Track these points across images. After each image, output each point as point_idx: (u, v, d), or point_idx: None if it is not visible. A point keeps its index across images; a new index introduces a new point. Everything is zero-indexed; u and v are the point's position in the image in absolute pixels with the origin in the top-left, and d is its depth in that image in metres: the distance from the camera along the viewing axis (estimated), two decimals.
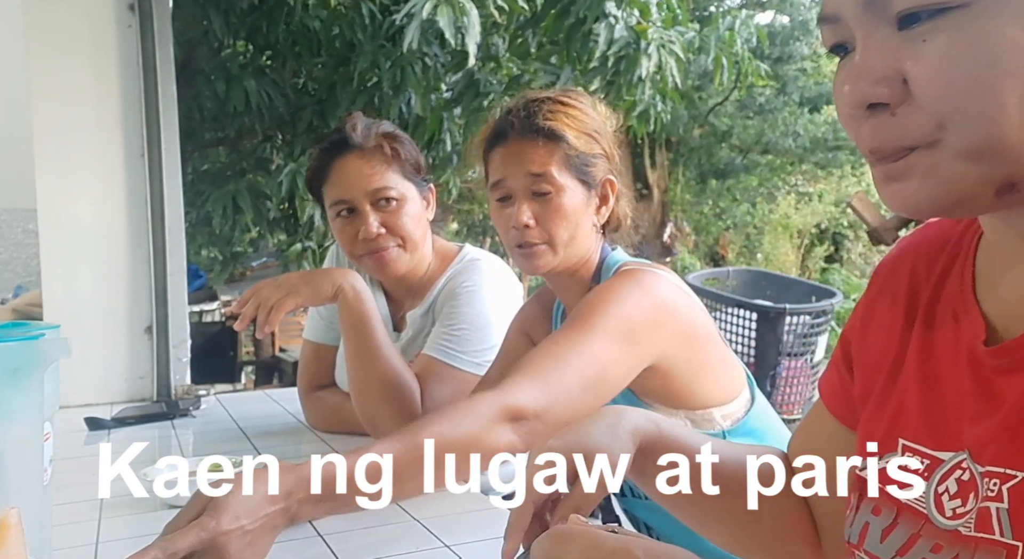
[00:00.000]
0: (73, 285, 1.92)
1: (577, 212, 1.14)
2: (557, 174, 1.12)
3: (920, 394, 0.59)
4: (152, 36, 1.94)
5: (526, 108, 1.14)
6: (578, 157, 1.13)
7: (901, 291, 0.64)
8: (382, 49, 3.80)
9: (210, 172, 4.67)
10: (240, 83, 3.83)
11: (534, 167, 1.12)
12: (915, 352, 0.60)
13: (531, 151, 1.12)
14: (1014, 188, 0.48)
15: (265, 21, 3.89)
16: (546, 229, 1.12)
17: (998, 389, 0.52)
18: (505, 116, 1.16)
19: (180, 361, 1.99)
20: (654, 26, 3.64)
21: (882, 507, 0.59)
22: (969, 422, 0.53)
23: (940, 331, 0.59)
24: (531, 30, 3.94)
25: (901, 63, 0.48)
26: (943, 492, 0.54)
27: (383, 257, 1.38)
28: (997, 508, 0.49)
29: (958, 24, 0.46)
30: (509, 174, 1.13)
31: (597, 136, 1.16)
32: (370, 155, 1.37)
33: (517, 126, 1.13)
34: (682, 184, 12.17)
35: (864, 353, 0.67)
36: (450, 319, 1.37)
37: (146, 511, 1.03)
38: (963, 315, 0.57)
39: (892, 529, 0.58)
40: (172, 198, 1.98)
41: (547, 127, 1.12)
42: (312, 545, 0.91)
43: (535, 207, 1.12)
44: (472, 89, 3.90)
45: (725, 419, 1.11)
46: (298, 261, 4.32)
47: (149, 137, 1.94)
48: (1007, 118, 0.45)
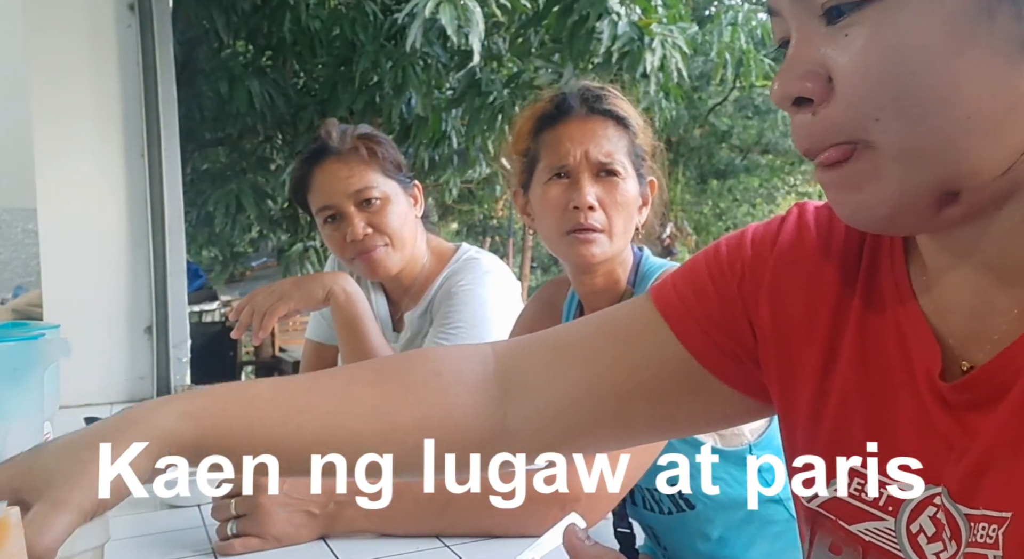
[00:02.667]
0: (73, 285, 1.91)
1: (634, 203, 1.09)
2: (623, 159, 1.07)
3: (865, 409, 0.52)
4: (152, 36, 1.94)
5: (590, 90, 1.09)
6: (639, 148, 1.10)
7: (837, 238, 0.56)
8: (383, 49, 3.81)
9: (211, 172, 4.67)
10: (242, 83, 3.83)
11: (605, 147, 1.06)
12: (854, 337, 0.53)
13: (601, 132, 1.07)
14: (956, 199, 0.44)
15: (267, 21, 3.89)
16: (607, 214, 1.06)
17: (969, 425, 0.47)
18: (564, 96, 1.10)
19: (180, 361, 1.99)
20: (658, 22, 3.64)
21: (842, 545, 0.53)
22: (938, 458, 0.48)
23: (877, 319, 0.52)
24: (533, 28, 3.94)
25: (826, 58, 0.45)
26: (917, 532, 0.48)
27: (372, 257, 1.38)
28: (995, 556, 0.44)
29: (876, 18, 0.43)
30: (575, 152, 1.06)
31: (648, 133, 1.13)
32: (347, 158, 1.37)
33: (584, 105, 1.08)
34: (682, 184, 12.16)
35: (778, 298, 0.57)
36: (447, 319, 1.37)
37: (146, 511, 1.02)
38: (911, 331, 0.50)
39: None
40: (172, 198, 1.98)
41: (617, 111, 1.08)
42: (312, 545, 0.91)
43: (599, 190, 1.06)
44: (474, 89, 3.90)
45: (752, 433, 1.06)
46: (300, 261, 4.33)
47: (149, 137, 1.94)
48: (931, 118, 0.42)
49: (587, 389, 0.61)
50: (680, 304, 0.61)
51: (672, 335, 0.60)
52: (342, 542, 0.90)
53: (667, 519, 1.10)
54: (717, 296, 0.59)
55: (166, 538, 0.93)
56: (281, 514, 0.88)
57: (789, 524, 1.08)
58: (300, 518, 0.89)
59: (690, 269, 0.62)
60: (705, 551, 1.08)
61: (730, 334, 0.59)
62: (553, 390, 0.62)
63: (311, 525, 0.89)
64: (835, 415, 0.54)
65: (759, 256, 0.58)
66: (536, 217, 1.13)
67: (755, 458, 1.04)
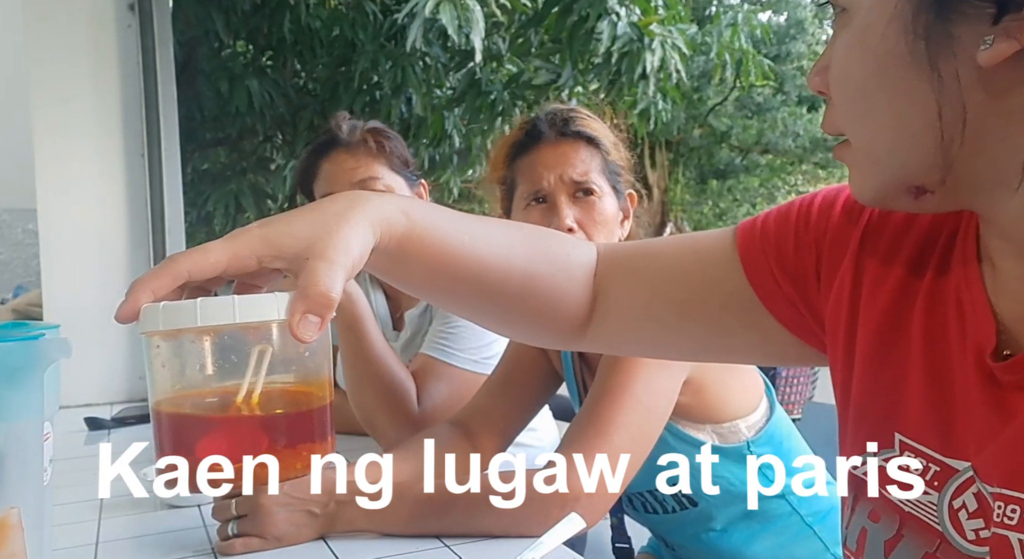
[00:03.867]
0: (73, 285, 1.91)
1: (613, 219, 1.11)
2: (597, 177, 1.10)
3: (926, 386, 0.52)
4: (152, 36, 1.94)
5: (558, 114, 1.12)
6: (612, 164, 1.12)
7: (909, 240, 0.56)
8: (383, 49, 3.81)
9: (211, 172, 4.67)
10: (242, 83, 3.84)
11: (578, 169, 1.09)
12: (922, 310, 0.54)
13: (573, 154, 1.10)
14: (926, 191, 0.47)
15: (267, 21, 3.89)
16: (587, 233, 1.09)
17: (1010, 405, 0.47)
18: (534, 122, 1.14)
19: None
20: (658, 23, 3.65)
21: (881, 513, 0.54)
22: (976, 435, 0.48)
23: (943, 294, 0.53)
24: (533, 29, 3.95)
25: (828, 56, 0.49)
26: (959, 507, 0.49)
27: None
28: (1020, 540, 0.44)
29: (844, 24, 0.47)
30: (548, 176, 1.09)
31: (620, 148, 1.15)
32: (355, 149, 1.38)
33: (554, 130, 1.11)
34: (682, 184, 12.18)
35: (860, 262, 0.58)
36: (447, 317, 1.37)
37: (146, 511, 1.02)
38: (971, 308, 0.51)
39: (896, 542, 0.53)
40: (172, 198, 1.98)
41: (586, 131, 1.11)
42: (312, 545, 0.91)
43: (576, 211, 1.09)
44: (474, 88, 3.90)
45: (749, 430, 1.08)
46: None
47: (149, 137, 1.94)
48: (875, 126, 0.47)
49: (652, 297, 0.67)
50: (758, 242, 0.63)
51: (740, 267, 0.63)
52: (342, 542, 0.90)
53: (671, 517, 1.11)
54: (795, 244, 0.62)
55: (166, 538, 0.93)
56: (282, 514, 0.88)
57: (791, 518, 1.09)
58: (301, 518, 0.89)
59: (783, 213, 0.64)
60: (708, 541, 1.09)
61: (796, 283, 0.61)
62: (628, 295, 0.67)
63: (312, 525, 0.90)
64: (892, 381, 0.55)
65: (849, 219, 0.60)
66: None
67: (755, 458, 1.05)
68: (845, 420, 0.59)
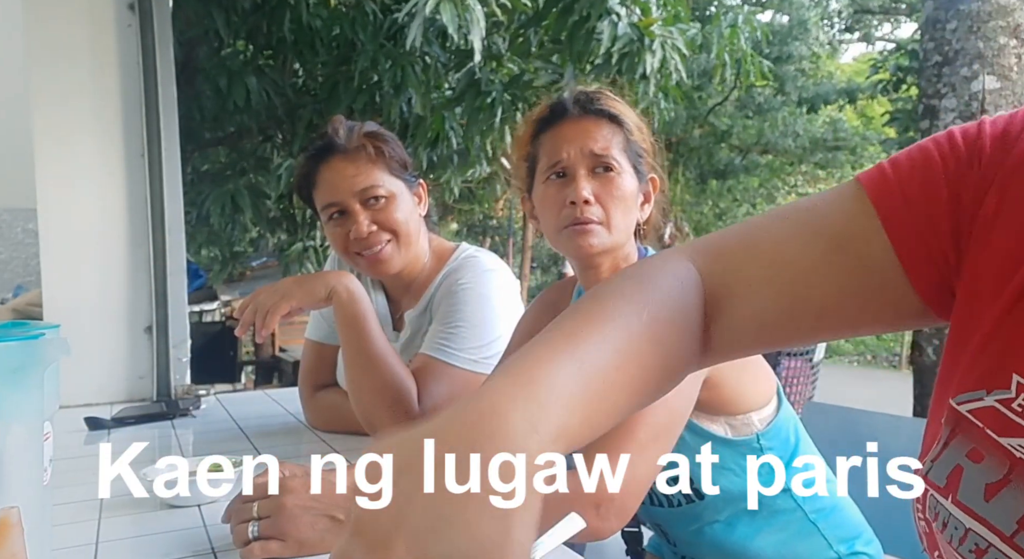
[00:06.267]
0: (73, 285, 1.91)
1: (632, 197, 1.11)
2: (618, 155, 1.10)
3: None
4: (152, 36, 1.94)
5: (584, 93, 1.13)
6: (635, 144, 1.12)
7: None
8: (383, 48, 3.80)
9: (210, 172, 4.67)
10: (241, 79, 3.83)
11: (599, 143, 1.09)
12: None
13: (595, 129, 1.10)
14: None
15: (267, 20, 3.89)
16: (604, 207, 1.09)
17: None
18: (560, 100, 1.14)
19: (180, 361, 1.99)
20: (658, 23, 3.65)
21: (984, 453, 0.50)
22: None
23: None
24: (533, 29, 3.94)
25: None
26: None
27: (377, 255, 1.38)
28: None
29: None
30: (570, 150, 1.10)
31: (645, 132, 1.16)
32: (354, 155, 1.38)
33: (578, 106, 1.12)
34: (682, 184, 12.17)
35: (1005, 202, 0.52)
36: (447, 317, 1.37)
37: (146, 511, 1.02)
38: None
39: (1001, 487, 0.49)
40: (172, 198, 1.98)
41: (610, 110, 1.11)
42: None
43: (595, 185, 1.09)
44: (474, 88, 3.90)
45: (761, 422, 1.09)
46: (299, 260, 4.32)
47: (149, 137, 1.94)
48: None
49: (789, 309, 0.59)
50: (901, 202, 0.56)
51: (885, 237, 0.56)
52: None
53: (676, 511, 1.11)
54: (947, 188, 0.55)
55: (166, 538, 0.93)
56: (305, 518, 0.84)
57: (795, 514, 1.09)
58: (324, 523, 0.85)
59: (921, 162, 0.57)
60: (712, 535, 1.10)
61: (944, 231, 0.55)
62: (750, 309, 0.60)
63: (335, 531, 0.85)
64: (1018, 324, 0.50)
65: (996, 151, 0.54)
66: (539, 217, 1.16)
67: (755, 458, 1.05)
68: (956, 356, 0.55)
